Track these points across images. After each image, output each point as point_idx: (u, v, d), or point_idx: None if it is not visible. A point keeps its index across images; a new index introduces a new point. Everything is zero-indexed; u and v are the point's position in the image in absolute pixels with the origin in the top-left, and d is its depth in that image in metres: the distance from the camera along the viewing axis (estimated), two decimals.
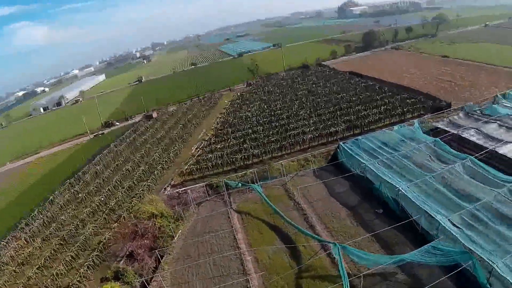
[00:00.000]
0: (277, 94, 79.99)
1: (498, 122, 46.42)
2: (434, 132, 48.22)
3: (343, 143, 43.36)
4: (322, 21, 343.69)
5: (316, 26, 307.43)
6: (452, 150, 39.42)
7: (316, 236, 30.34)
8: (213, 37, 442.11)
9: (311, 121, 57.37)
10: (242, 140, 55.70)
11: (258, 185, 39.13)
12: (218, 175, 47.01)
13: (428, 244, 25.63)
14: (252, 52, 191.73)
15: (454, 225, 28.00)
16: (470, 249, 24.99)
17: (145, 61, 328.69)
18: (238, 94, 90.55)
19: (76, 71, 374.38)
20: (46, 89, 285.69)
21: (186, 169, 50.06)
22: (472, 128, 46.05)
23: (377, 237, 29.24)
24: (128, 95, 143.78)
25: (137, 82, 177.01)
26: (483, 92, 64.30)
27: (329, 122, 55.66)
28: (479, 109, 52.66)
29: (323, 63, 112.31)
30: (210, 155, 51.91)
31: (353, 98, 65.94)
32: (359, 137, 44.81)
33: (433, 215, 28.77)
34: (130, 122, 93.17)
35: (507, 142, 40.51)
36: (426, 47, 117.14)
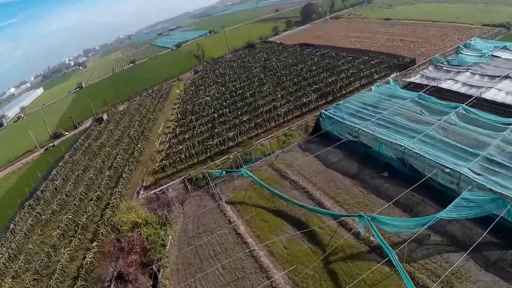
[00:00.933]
0: (231, 75, 75.36)
1: (470, 71, 46.57)
2: (409, 87, 47.21)
3: (325, 110, 40.29)
4: (253, 4, 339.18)
5: (247, 9, 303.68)
6: (440, 101, 37.98)
7: (335, 212, 26.98)
8: (144, 35, 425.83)
9: (278, 95, 53.95)
10: (210, 125, 51.02)
11: (244, 169, 34.92)
12: (194, 167, 41.98)
13: (458, 197, 23.24)
14: (190, 41, 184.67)
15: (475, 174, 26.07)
16: (502, 194, 23.02)
17: (80, 67, 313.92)
18: (189, 82, 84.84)
19: (12, 89, 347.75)
20: None
21: (158, 166, 44.30)
22: (448, 79, 45.30)
23: (394, 202, 26.36)
24: (72, 102, 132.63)
25: (77, 89, 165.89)
26: (439, 46, 64.74)
27: (299, 93, 52.48)
28: (446, 61, 52.46)
29: (267, 40, 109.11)
30: (180, 147, 46.42)
31: (313, 68, 63.21)
32: (340, 102, 41.98)
33: (451, 168, 26.59)
34: (80, 128, 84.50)
35: (488, 88, 40.10)
36: (366, 13, 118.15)
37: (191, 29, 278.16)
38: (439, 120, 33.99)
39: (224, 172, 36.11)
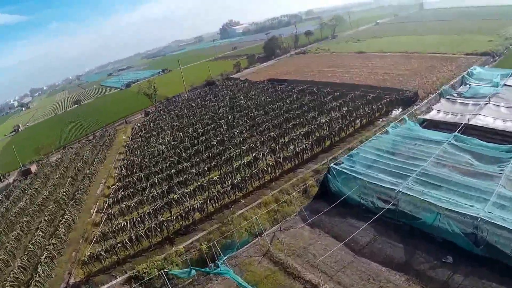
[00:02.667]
0: (191, 117, 63.58)
1: (492, 102, 38.36)
2: (425, 125, 37.85)
3: (334, 164, 28.89)
4: (209, 43, 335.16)
5: (202, 48, 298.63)
6: (487, 143, 28.20)
7: None
8: (94, 75, 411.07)
9: (257, 142, 42.13)
10: (166, 187, 37.32)
11: (227, 268, 22.23)
12: (145, 254, 28.67)
13: None
14: (142, 80, 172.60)
15: None
16: None
17: (23, 108, 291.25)
18: (138, 125, 71.79)
19: None
20: None
21: (90, 253, 30.05)
22: (477, 114, 36.23)
23: None
24: (2, 149, 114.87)
25: (14, 132, 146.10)
26: (431, 78, 57.81)
27: (285, 139, 41.51)
28: (457, 93, 44.28)
29: (230, 77, 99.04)
30: (122, 222, 31.91)
31: (295, 106, 52.97)
32: (353, 151, 30.93)
33: None
34: (3, 183, 67.98)
35: None
36: (334, 47, 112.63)
37: (142, 68, 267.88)
38: (500, 171, 23.95)
39: (192, 272, 22.94)
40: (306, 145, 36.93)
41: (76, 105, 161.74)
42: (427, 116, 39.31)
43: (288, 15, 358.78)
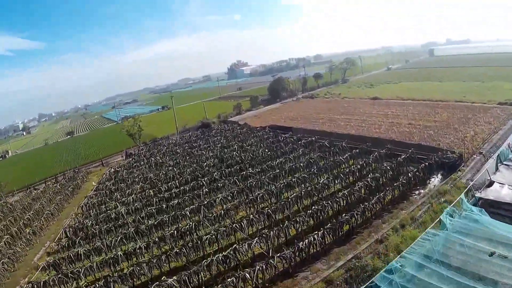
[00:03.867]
0: (170, 168, 51.34)
1: None
2: (481, 204, 25.48)
3: None
4: (214, 82, 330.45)
5: (207, 87, 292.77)
6: None
7: None
8: (101, 106, 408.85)
9: (244, 221, 28.73)
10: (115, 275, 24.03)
11: None
12: None
13: None
14: (140, 116, 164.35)
15: None
16: None
17: (24, 133, 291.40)
18: (111, 171, 59.76)
19: None
20: None
21: None
22: None
23: None
24: None
25: (0, 158, 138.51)
26: (468, 132, 46.95)
27: (283, 218, 29.20)
28: None
29: (228, 120, 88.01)
30: None
31: (301, 164, 40.54)
32: (393, 263, 18.40)
33: None
34: None
35: None
36: (345, 92, 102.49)
37: (145, 103, 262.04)
38: None
39: None
40: (316, 236, 24.30)
41: (68, 136, 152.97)
42: (486, 195, 27.11)
43: (296, 59, 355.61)
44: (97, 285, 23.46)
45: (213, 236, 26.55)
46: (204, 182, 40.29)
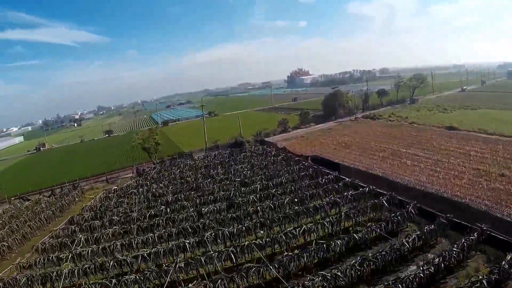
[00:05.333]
0: (162, 207, 36.92)
1: None
2: None
3: None
4: (273, 90, 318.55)
5: (263, 94, 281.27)
6: None
7: None
8: (158, 104, 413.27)
9: None
10: None
11: None
12: None
13: None
14: (181, 121, 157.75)
15: None
16: None
17: (75, 124, 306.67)
18: (102, 196, 47.62)
19: (14, 129, 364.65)
20: None
21: None
22: None
23: None
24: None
25: (34, 151, 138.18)
26: None
27: None
28: None
29: (266, 139, 73.84)
30: None
31: (343, 240, 24.67)
32: None
33: None
34: None
35: None
36: (413, 116, 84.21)
37: (197, 106, 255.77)
38: None
39: None
40: None
41: (106, 135, 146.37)
42: None
43: (361, 71, 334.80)
44: None
45: None
46: (187, 246, 26.66)
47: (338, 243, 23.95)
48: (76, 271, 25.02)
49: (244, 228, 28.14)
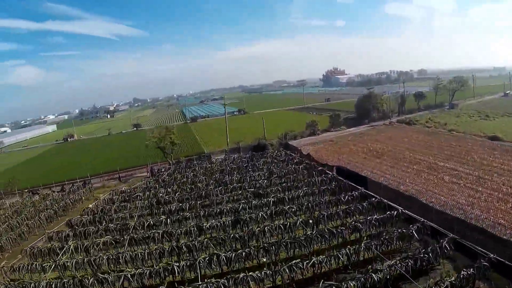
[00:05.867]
0: (176, 209, 34.60)
1: None
2: None
3: None
4: (308, 88, 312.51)
5: (297, 93, 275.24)
6: None
7: None
8: (193, 99, 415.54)
9: None
10: None
11: None
12: None
13: None
14: (211, 117, 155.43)
15: None
16: None
17: (108, 115, 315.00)
18: (107, 197, 45.04)
19: (51, 117, 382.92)
20: (8, 129, 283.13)
21: None
22: None
23: None
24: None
25: (62, 141, 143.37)
26: None
27: None
28: None
29: (292, 142, 69.14)
30: None
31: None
32: None
33: None
34: None
35: None
36: (452, 122, 76.96)
37: (229, 103, 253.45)
38: None
39: None
40: None
41: (134, 129, 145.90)
42: None
43: (398, 72, 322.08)
44: None
45: None
46: (176, 269, 22.74)
47: (351, 285, 19.38)
48: (54, 286, 22.63)
49: (244, 254, 23.99)
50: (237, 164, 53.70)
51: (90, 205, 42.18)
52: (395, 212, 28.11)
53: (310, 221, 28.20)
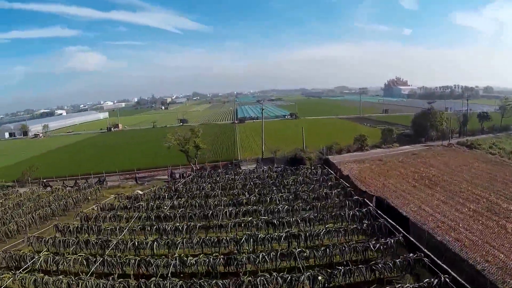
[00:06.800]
0: (170, 230, 28.25)
1: None
2: None
3: None
4: (369, 97, 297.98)
5: (356, 101, 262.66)
6: None
7: None
8: (251, 97, 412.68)
9: None
10: None
11: None
12: None
13: None
14: (260, 119, 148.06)
15: None
16: None
17: (162, 107, 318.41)
18: (122, 197, 41.27)
19: (110, 103, 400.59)
20: (64, 112, 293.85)
21: None
22: None
23: None
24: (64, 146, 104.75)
25: (105, 131, 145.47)
26: None
27: None
28: None
29: (334, 156, 61.21)
30: None
31: None
32: None
33: None
34: None
35: None
36: None
37: (285, 105, 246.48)
38: None
39: None
40: None
41: (181, 124, 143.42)
42: None
43: (463, 87, 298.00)
44: None
45: None
46: None
47: None
48: None
49: None
50: (263, 179, 47.12)
51: (91, 208, 38.02)
52: (436, 280, 20.47)
53: (320, 277, 21.32)
